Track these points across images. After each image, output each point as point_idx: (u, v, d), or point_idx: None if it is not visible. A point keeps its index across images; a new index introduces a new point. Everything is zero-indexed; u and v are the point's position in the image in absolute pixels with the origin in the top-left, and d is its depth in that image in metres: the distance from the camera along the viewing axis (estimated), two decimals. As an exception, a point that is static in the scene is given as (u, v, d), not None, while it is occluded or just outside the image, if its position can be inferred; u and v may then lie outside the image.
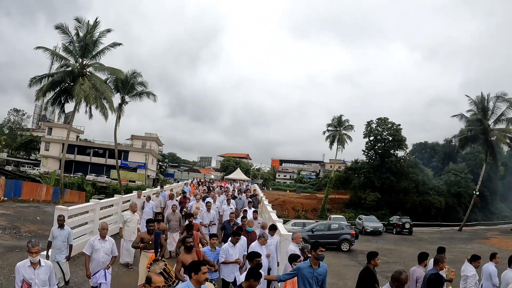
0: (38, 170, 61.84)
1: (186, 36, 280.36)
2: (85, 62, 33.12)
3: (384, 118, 61.90)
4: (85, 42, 32.25)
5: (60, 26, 31.93)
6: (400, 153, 62.29)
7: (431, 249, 18.18)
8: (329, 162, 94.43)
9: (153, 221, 9.44)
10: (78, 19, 32.49)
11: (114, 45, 34.18)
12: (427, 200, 58.37)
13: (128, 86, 41.73)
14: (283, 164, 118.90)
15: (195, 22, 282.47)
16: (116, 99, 40.21)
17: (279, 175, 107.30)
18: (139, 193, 16.31)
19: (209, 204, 13.89)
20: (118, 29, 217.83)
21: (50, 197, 33.01)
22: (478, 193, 42.12)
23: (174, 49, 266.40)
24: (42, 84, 31.87)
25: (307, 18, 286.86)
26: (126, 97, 42.69)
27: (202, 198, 16.18)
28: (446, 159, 71.48)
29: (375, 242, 27.64)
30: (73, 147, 65.94)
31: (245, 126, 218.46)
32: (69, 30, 32.22)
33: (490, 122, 40.31)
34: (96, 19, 33.40)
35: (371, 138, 62.17)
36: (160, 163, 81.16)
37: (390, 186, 58.79)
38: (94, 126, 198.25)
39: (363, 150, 63.97)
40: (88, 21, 33.10)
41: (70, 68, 32.52)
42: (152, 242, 8.87)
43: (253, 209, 14.68)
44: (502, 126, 40.03)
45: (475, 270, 8.72)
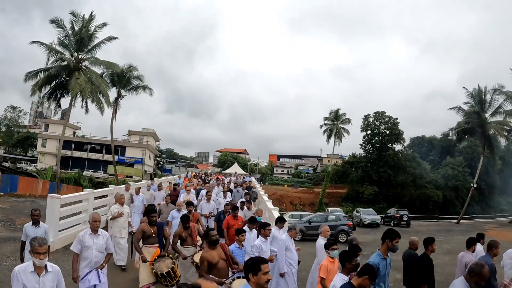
0: (35, 166, 61.73)
1: (182, 31, 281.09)
2: (80, 56, 32.94)
3: (381, 111, 61.99)
4: (80, 36, 32.06)
5: (55, 20, 31.71)
6: (397, 146, 62.57)
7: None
8: (326, 156, 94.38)
9: (155, 210, 8.33)
10: (73, 13, 32.24)
11: (110, 39, 33.98)
12: (425, 193, 58.48)
13: (124, 80, 41.49)
14: (281, 159, 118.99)
15: (191, 17, 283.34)
16: (112, 93, 40.01)
17: (277, 170, 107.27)
18: (127, 186, 14.99)
19: (209, 194, 13.17)
20: (114, 24, 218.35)
21: (47, 192, 32.66)
22: (475, 185, 42.11)
23: (170, 44, 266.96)
24: (38, 78, 31.74)
25: (305, 13, 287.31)
26: (122, 91, 42.46)
27: (197, 191, 15.62)
28: (443, 153, 71.56)
29: (373, 234, 27.58)
30: (70, 143, 65.87)
31: (242, 122, 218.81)
32: (64, 25, 32.03)
33: (487, 115, 40.20)
34: (91, 13, 33.17)
35: (369, 132, 62.24)
36: (157, 159, 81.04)
37: (388, 180, 58.88)
38: (90, 122, 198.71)
39: (361, 144, 64.08)
40: (83, 15, 32.84)
41: (65, 62, 32.36)
42: (155, 235, 7.84)
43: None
44: (499, 118, 39.93)
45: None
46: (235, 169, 64.58)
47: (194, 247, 8.32)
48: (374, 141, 61.80)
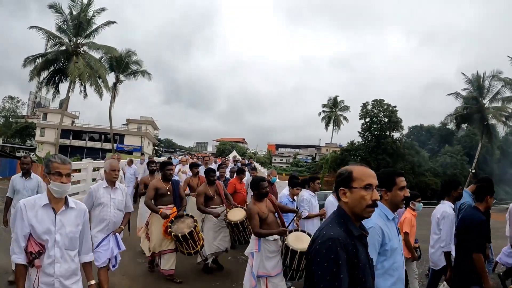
0: (33, 155, 61.59)
1: (179, 21, 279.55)
2: (79, 41, 33.01)
3: (380, 99, 61.97)
4: (79, 21, 32.11)
5: (53, 5, 31.89)
6: (396, 134, 62.51)
7: (428, 220, 18.28)
8: (325, 146, 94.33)
9: (171, 163, 7.24)
10: (71, -3, 32.29)
11: (108, 23, 34.05)
12: (423, 181, 58.59)
13: (122, 64, 41.60)
14: (279, 148, 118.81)
15: (188, 6, 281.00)
16: (111, 79, 40.07)
17: (275, 159, 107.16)
18: (116, 156, 14.22)
19: (222, 170, 10.36)
20: (111, 13, 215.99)
21: (45, 175, 32.92)
22: (474, 170, 42.26)
23: (167, 34, 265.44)
24: (36, 63, 31.76)
25: (303, 2, 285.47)
26: (121, 76, 42.58)
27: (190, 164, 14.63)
28: (442, 142, 71.63)
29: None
30: (68, 132, 65.74)
31: (240, 112, 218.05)
32: (62, 9, 32.15)
33: (485, 101, 40.36)
34: (89, -3, 33.12)
35: (367, 120, 62.24)
36: (156, 148, 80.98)
37: (386, 167, 58.40)
38: (89, 112, 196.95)
39: (359, 132, 64.07)
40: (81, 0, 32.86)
41: (64, 46, 32.36)
42: (170, 192, 6.67)
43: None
44: (497, 104, 40.07)
45: None
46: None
47: (223, 207, 7.14)
48: (372, 128, 61.81)
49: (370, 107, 62.10)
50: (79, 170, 13.10)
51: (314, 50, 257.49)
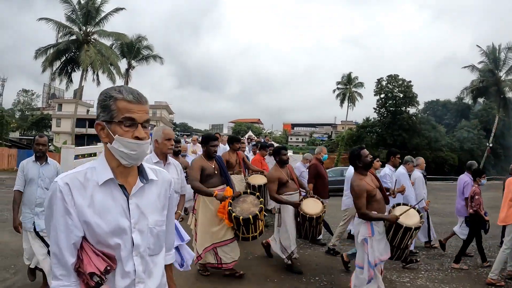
0: (51, 145, 62.40)
1: (187, 4, 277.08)
2: (89, 30, 33.18)
3: (394, 75, 60.97)
4: (87, 9, 32.20)
5: (61, -5, 31.87)
6: (411, 110, 61.55)
7: (446, 195, 18.31)
8: (340, 123, 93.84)
9: (216, 137, 5.79)
10: (80, -14, 32.41)
11: (117, 10, 34.11)
12: (440, 156, 57.92)
13: (134, 50, 41.68)
14: (295, 128, 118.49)
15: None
16: (123, 65, 40.28)
17: (291, 139, 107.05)
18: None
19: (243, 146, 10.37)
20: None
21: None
22: (491, 145, 41.76)
23: (176, 18, 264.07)
24: (48, 54, 32.08)
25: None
26: (133, 61, 42.72)
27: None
28: (458, 117, 70.45)
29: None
30: (84, 121, 66.41)
31: (254, 93, 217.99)
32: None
33: (502, 73, 39.59)
34: (97, -15, 33.18)
35: (382, 96, 61.41)
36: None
37: (403, 143, 58.34)
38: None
39: (374, 108, 63.31)
40: (89, -13, 32.94)
41: (74, 36, 32.61)
42: (217, 172, 5.57)
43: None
44: (514, 76, 39.38)
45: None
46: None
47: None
48: (388, 104, 61.00)
49: (385, 83, 61.21)
50: (95, 154, 12.99)
51: (325, 29, 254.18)
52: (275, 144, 29.84)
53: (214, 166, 5.52)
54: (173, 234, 2.13)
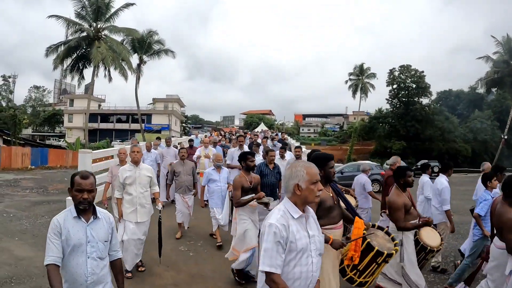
0: (64, 141, 62.84)
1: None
2: (99, 26, 33.25)
3: (407, 65, 60.33)
4: (97, 5, 32.19)
5: (71, -9, 31.90)
6: (424, 100, 60.91)
7: (461, 189, 18.10)
8: (352, 114, 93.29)
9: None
10: (88, -17, 32.39)
11: (127, 5, 34.06)
12: (453, 147, 57.29)
13: (145, 45, 41.69)
14: (306, 118, 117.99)
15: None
16: (134, 60, 40.35)
17: (303, 129, 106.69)
18: (134, 141, 12.93)
19: (241, 139, 10.83)
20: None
21: (77, 162, 33.42)
22: (506, 136, 41.17)
23: (185, 11, 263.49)
24: (59, 51, 32.18)
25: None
26: (144, 56, 42.74)
27: (219, 144, 13.87)
28: (471, 107, 69.46)
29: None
30: (96, 116, 66.89)
31: (264, 84, 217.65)
32: (80, -5, 32.23)
33: (517, 64, 39.01)
34: (106, -19, 33.13)
35: (394, 86, 60.82)
36: (183, 124, 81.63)
37: (416, 134, 57.89)
38: (114, 95, 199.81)
39: (387, 99, 62.79)
40: (98, -16, 32.91)
41: (85, 32, 32.65)
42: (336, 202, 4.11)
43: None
44: (530, 67, 38.77)
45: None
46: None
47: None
48: (400, 95, 60.40)
49: (397, 73, 60.58)
50: (112, 157, 13.18)
51: (336, 18, 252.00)
52: (293, 141, 29.04)
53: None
54: None
